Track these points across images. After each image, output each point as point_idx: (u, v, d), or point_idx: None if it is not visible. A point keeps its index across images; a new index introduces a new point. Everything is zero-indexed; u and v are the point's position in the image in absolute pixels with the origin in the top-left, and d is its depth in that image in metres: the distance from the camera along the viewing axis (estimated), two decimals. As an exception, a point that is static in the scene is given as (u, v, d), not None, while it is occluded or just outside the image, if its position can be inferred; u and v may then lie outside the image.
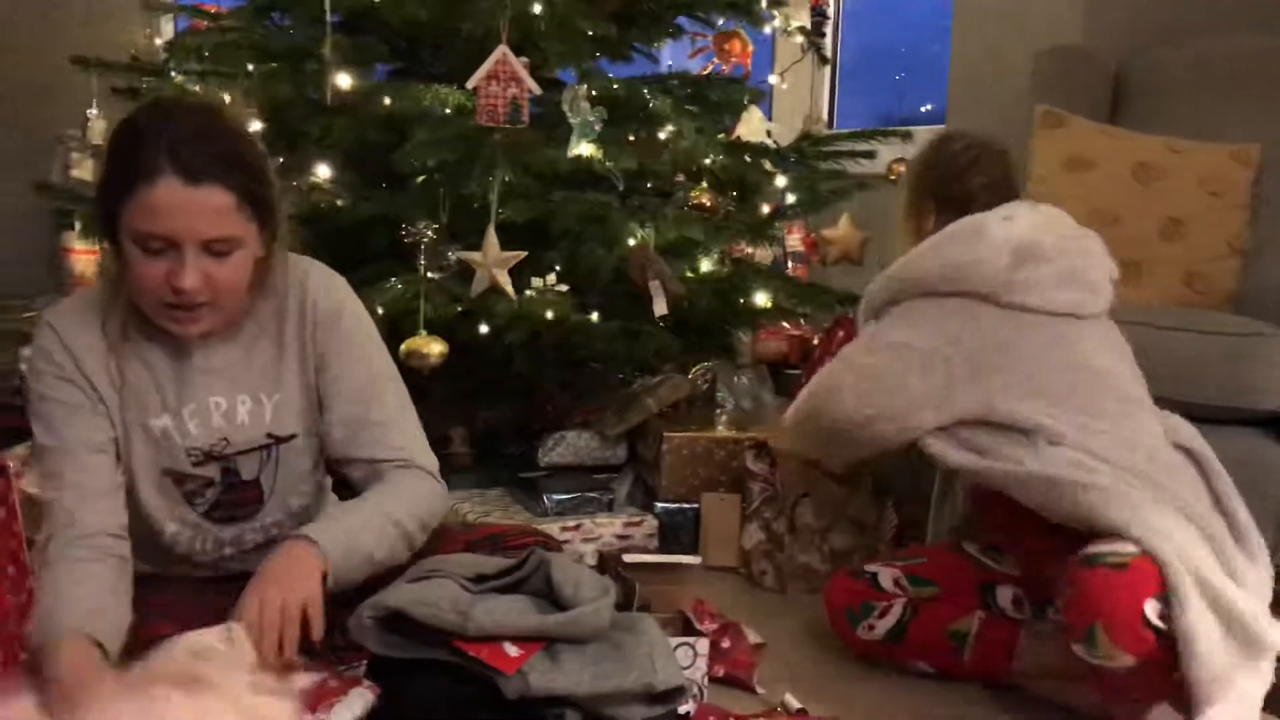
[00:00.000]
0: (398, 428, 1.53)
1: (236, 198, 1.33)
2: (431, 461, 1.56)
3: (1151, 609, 1.43)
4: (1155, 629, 1.42)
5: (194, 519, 1.52)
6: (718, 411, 2.77)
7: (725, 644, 1.86)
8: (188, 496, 1.50)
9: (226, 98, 2.41)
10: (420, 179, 2.37)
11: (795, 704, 1.74)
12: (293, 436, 1.53)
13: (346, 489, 1.63)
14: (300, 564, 1.31)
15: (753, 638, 1.93)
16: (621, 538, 2.40)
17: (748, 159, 2.57)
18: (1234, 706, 1.42)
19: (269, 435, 1.51)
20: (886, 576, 1.90)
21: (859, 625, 1.88)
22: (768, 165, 2.63)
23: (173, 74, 2.65)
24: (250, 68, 2.46)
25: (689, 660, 1.70)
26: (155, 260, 1.31)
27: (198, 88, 2.60)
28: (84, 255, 2.94)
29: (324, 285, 1.54)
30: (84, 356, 1.42)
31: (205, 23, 2.71)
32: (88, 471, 1.42)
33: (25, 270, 3.26)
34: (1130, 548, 1.48)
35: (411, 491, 1.49)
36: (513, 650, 1.17)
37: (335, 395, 1.52)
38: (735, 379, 2.82)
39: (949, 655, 1.82)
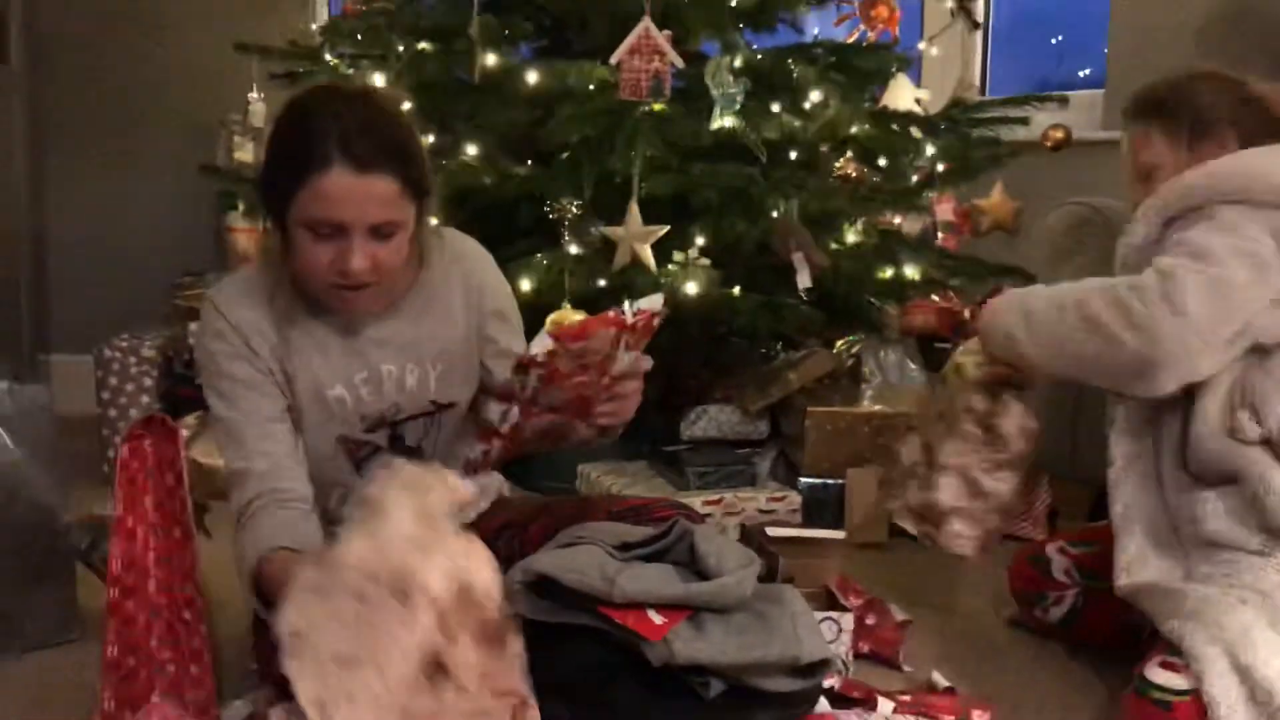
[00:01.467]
0: None
1: (400, 184, 1.38)
2: None
3: None
4: None
5: (359, 484, 1.55)
6: (863, 386, 2.73)
7: (870, 620, 1.83)
8: (357, 464, 1.56)
9: (380, 80, 2.47)
10: (564, 155, 2.39)
11: (943, 682, 1.70)
12: (453, 405, 1.59)
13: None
14: None
15: (899, 615, 1.90)
16: (764, 513, 2.39)
17: (895, 128, 2.52)
18: None
19: (433, 402, 1.57)
20: (1059, 565, 1.85)
21: (1035, 609, 1.87)
22: (916, 134, 2.56)
23: (327, 57, 2.75)
24: (400, 49, 2.52)
25: (833, 635, 1.69)
26: (323, 244, 1.37)
27: (351, 71, 2.69)
28: (247, 234, 3.08)
29: (483, 258, 1.62)
30: (251, 333, 1.48)
31: (358, 6, 2.78)
32: (274, 439, 1.48)
33: (193, 249, 3.43)
34: (1182, 683, 1.38)
35: None
36: (658, 618, 1.18)
37: (495, 353, 1.60)
38: (882, 354, 2.77)
39: (1124, 639, 1.74)
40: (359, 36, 2.59)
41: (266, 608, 1.35)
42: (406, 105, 2.40)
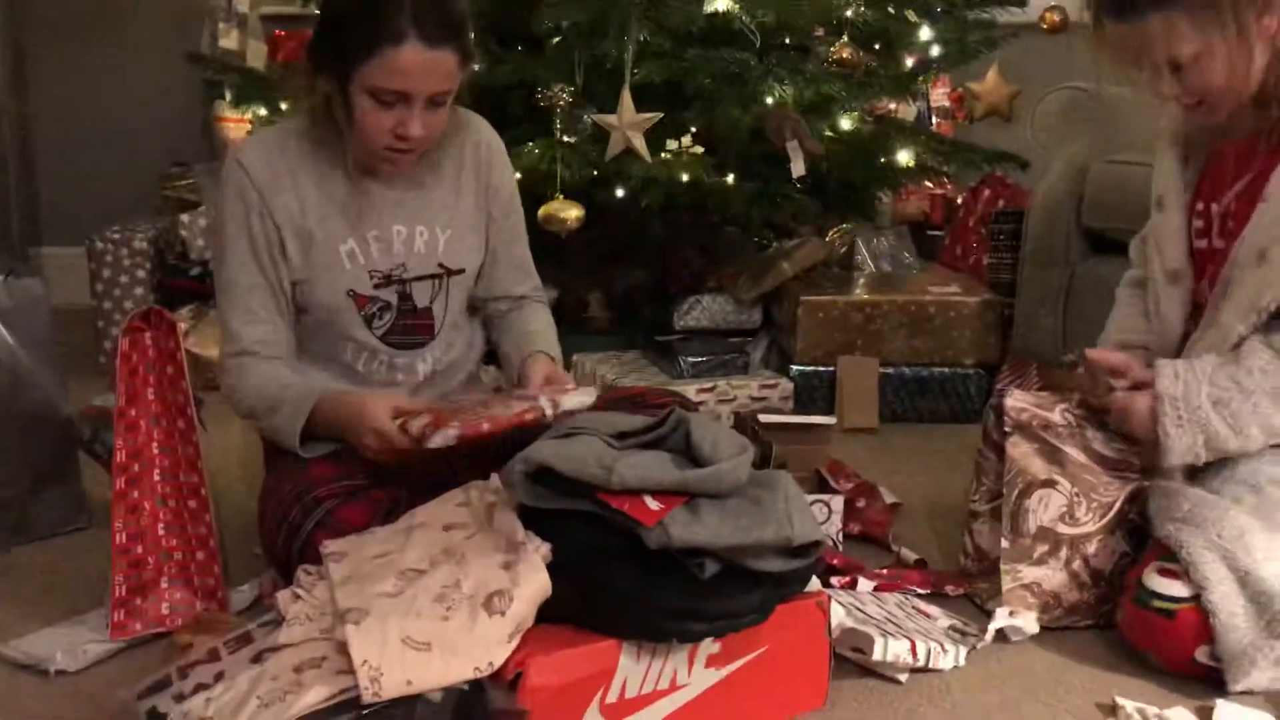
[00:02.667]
0: (532, 265, 1.80)
1: (460, 57, 1.48)
2: None
3: (1202, 653, 1.39)
4: (1208, 665, 1.39)
5: (372, 342, 1.64)
6: (855, 274, 2.74)
7: (860, 503, 1.88)
8: (367, 320, 1.63)
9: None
10: (555, 41, 2.35)
11: (912, 556, 1.77)
12: (461, 271, 1.67)
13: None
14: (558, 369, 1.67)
15: (888, 497, 1.95)
16: (757, 400, 2.43)
17: (891, 10, 2.47)
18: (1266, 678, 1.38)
19: (440, 265, 1.65)
20: None
21: None
22: (912, 16, 2.52)
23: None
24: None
25: (824, 517, 1.74)
26: (386, 111, 1.47)
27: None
28: (235, 123, 3.03)
29: (489, 130, 1.71)
30: (271, 192, 1.56)
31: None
32: (263, 296, 1.59)
33: (180, 139, 3.38)
34: (1183, 591, 1.39)
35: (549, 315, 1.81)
36: (654, 504, 1.21)
37: (499, 233, 1.72)
38: (874, 241, 2.78)
39: None
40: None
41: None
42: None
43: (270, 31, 3.11)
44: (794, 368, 2.51)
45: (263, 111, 2.66)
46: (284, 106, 2.57)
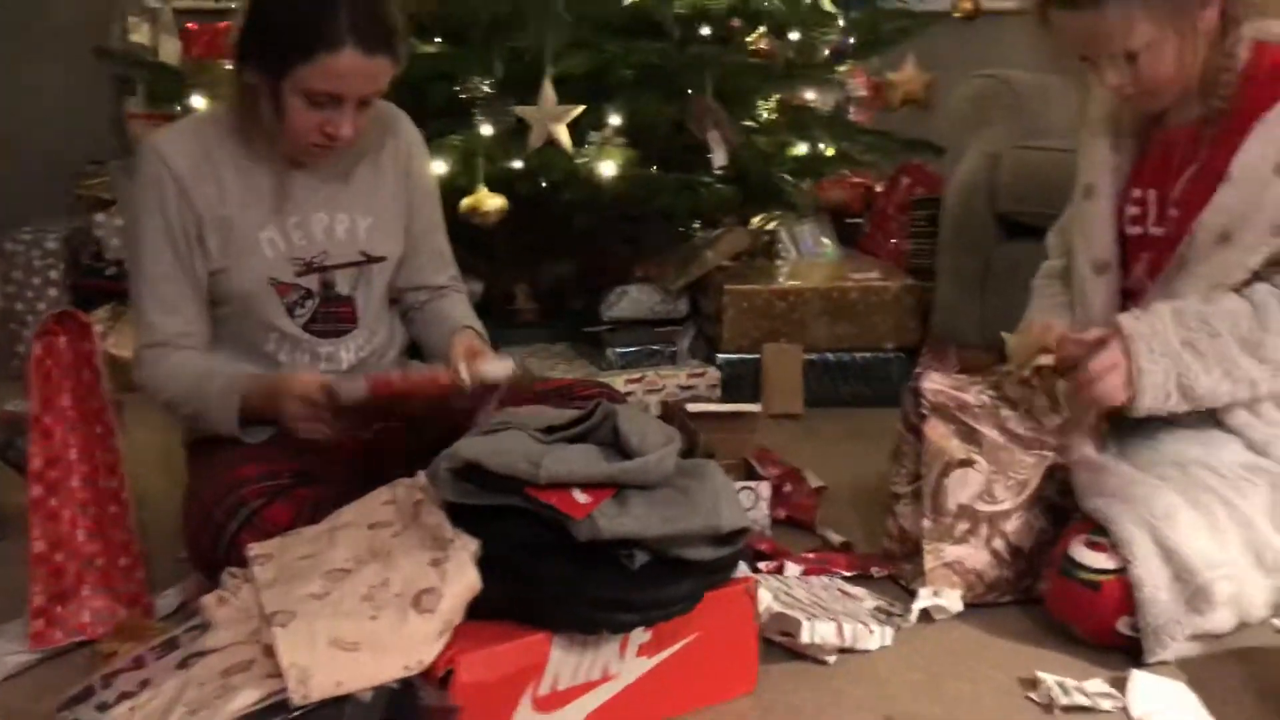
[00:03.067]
0: (451, 255, 1.83)
1: (393, 62, 1.52)
2: None
3: (1123, 624, 1.43)
4: (1127, 635, 1.43)
5: (294, 331, 1.65)
6: (779, 263, 2.77)
7: (787, 488, 1.91)
8: (289, 308, 1.63)
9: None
10: (474, 33, 2.34)
11: (837, 538, 1.80)
12: (383, 259, 1.69)
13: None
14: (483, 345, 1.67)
15: (814, 481, 1.98)
16: (684, 389, 2.45)
17: (807, 1, 2.49)
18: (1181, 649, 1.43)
19: (362, 253, 1.67)
20: None
21: None
22: (828, 6, 2.55)
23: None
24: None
25: (751, 504, 1.76)
26: (316, 111, 1.50)
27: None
28: (146, 120, 2.96)
29: (408, 122, 1.74)
30: (190, 181, 1.56)
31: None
32: (180, 286, 1.59)
33: (92, 137, 3.30)
34: (1109, 563, 1.43)
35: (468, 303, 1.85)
36: (582, 497, 1.21)
37: (418, 221, 1.74)
38: (796, 229, 2.81)
39: None
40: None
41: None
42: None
43: (183, 25, 3.04)
44: (720, 356, 2.54)
45: (176, 108, 2.60)
46: (197, 102, 2.52)
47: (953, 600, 1.55)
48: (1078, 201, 1.72)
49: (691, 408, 1.93)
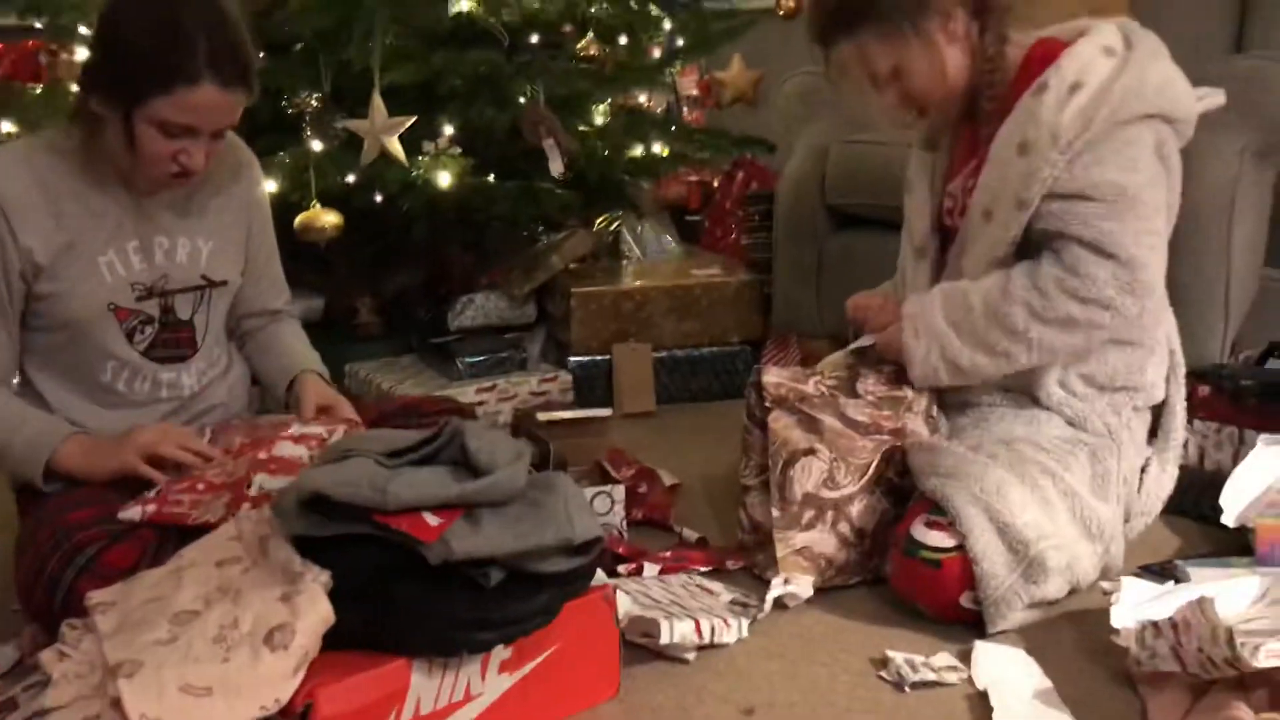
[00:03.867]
0: (284, 279, 1.85)
1: (248, 94, 1.53)
2: None
3: (966, 598, 1.51)
4: (970, 609, 1.51)
5: (134, 358, 1.62)
6: (623, 263, 2.80)
7: (642, 489, 1.94)
8: (128, 334, 1.61)
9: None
10: (298, 47, 2.29)
11: (693, 535, 1.84)
12: (224, 283, 1.70)
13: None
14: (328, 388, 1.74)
15: (668, 480, 2.02)
16: (537, 395, 2.46)
17: (633, 4, 2.53)
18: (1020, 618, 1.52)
19: (203, 277, 1.67)
20: None
21: None
22: (654, 10, 2.59)
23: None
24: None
25: (607, 507, 1.78)
26: (170, 141, 1.49)
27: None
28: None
29: (244, 147, 1.75)
30: (19, 209, 1.52)
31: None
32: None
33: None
34: (948, 541, 1.50)
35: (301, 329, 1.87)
36: (433, 520, 1.21)
37: (258, 248, 1.76)
38: (638, 229, 2.85)
39: None
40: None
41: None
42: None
43: (-15, 45, 2.89)
44: (571, 359, 2.55)
45: (-15, 131, 2.47)
46: (4, 128, 2.40)
47: (804, 586, 1.61)
48: (904, 197, 1.83)
49: (542, 416, 1.94)
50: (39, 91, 2.42)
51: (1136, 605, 1.42)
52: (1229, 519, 1.67)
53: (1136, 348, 1.66)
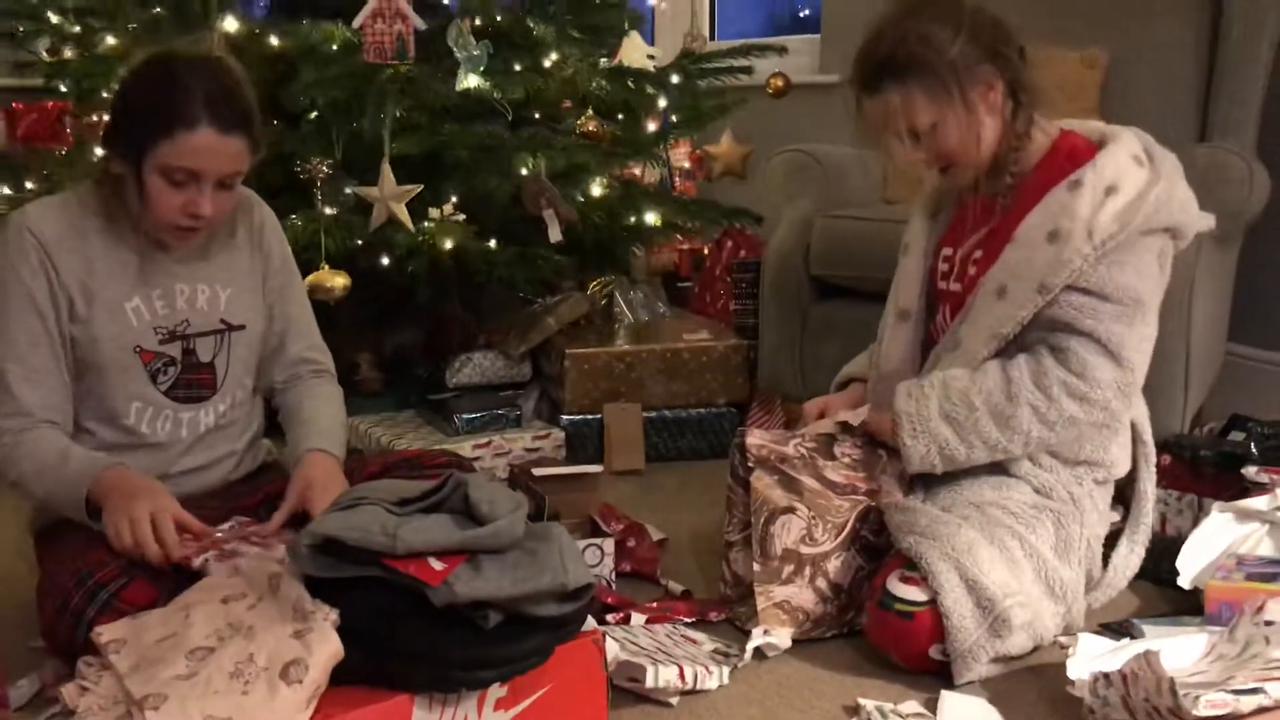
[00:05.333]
0: (316, 332, 1.93)
1: (249, 143, 1.62)
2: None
3: (935, 650, 1.60)
4: (938, 660, 1.60)
5: (157, 398, 1.71)
6: (616, 325, 2.90)
7: (630, 543, 2.02)
8: (152, 375, 1.71)
9: (112, 41, 2.41)
10: (313, 115, 2.41)
11: (679, 588, 1.93)
12: (242, 327, 1.79)
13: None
14: (335, 471, 1.74)
15: (655, 535, 2.10)
16: (530, 451, 2.54)
17: (630, 84, 2.66)
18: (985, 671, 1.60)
19: (222, 321, 1.76)
20: None
21: None
22: (649, 89, 2.72)
23: (50, 16, 2.64)
24: (132, 9, 2.46)
25: (597, 559, 1.87)
26: (177, 190, 1.59)
27: (77, 30, 2.59)
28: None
29: (261, 203, 1.86)
30: (57, 251, 1.63)
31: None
32: (45, 356, 1.64)
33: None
34: (920, 595, 1.58)
35: (336, 391, 1.92)
36: (438, 564, 1.30)
37: (275, 293, 1.84)
38: (631, 294, 2.96)
39: None
40: (86, -4, 2.50)
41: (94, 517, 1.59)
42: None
43: (8, 105, 3.01)
44: (564, 417, 2.64)
45: (5, 191, 2.58)
46: (30, 186, 2.51)
47: (783, 637, 1.70)
48: (899, 258, 1.93)
49: (537, 471, 2.03)
50: (63, 154, 2.53)
51: (1092, 658, 1.51)
52: (1184, 582, 1.77)
53: (1103, 429, 1.74)
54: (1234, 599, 1.61)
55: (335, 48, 2.37)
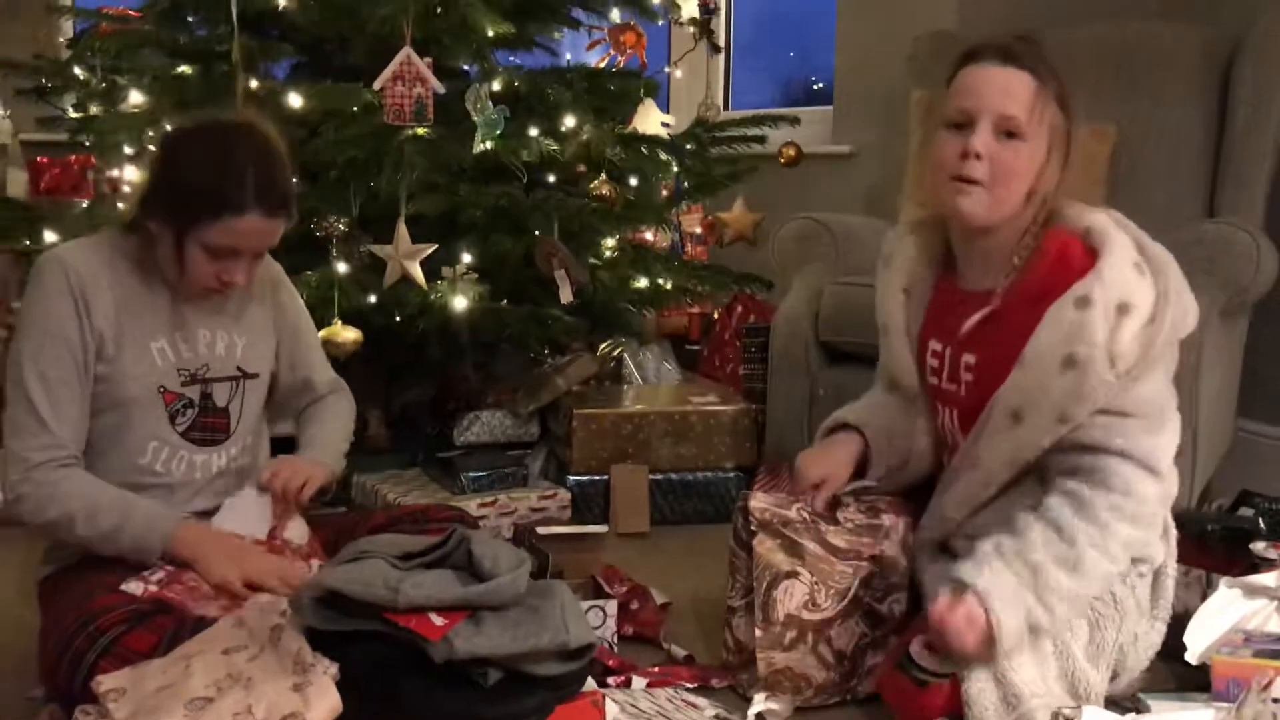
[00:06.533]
0: (326, 366, 2.03)
1: (287, 222, 1.71)
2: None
3: None
4: None
5: (174, 438, 1.75)
6: (624, 387, 2.92)
7: (634, 605, 2.01)
8: (171, 416, 1.75)
9: (137, 97, 2.46)
10: (330, 174, 2.45)
11: (681, 652, 1.92)
12: (256, 375, 1.85)
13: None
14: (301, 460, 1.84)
15: (659, 598, 2.09)
16: (536, 510, 2.54)
17: (644, 150, 2.70)
18: None
19: (239, 369, 1.82)
20: None
21: None
22: (663, 155, 2.76)
23: (77, 72, 2.70)
24: (158, 67, 2.52)
25: (599, 621, 1.86)
26: (215, 261, 1.66)
27: (103, 87, 2.65)
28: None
29: (270, 259, 1.89)
30: (92, 291, 1.67)
31: (106, 25, 2.73)
32: (73, 393, 1.66)
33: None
34: (940, 668, 1.56)
35: (348, 405, 2.04)
36: (438, 620, 1.31)
37: (287, 340, 1.91)
38: (640, 355, 2.98)
39: None
40: (114, 54, 2.56)
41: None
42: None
43: (32, 159, 3.07)
44: (571, 478, 2.65)
45: (25, 242, 2.62)
46: (49, 238, 2.55)
47: (784, 704, 1.68)
48: (880, 339, 1.92)
49: (541, 530, 2.03)
50: (85, 206, 2.58)
51: (1097, 731, 1.50)
52: (1192, 657, 1.75)
53: (1151, 528, 1.68)
54: (1241, 675, 1.60)
55: (356, 109, 2.41)
